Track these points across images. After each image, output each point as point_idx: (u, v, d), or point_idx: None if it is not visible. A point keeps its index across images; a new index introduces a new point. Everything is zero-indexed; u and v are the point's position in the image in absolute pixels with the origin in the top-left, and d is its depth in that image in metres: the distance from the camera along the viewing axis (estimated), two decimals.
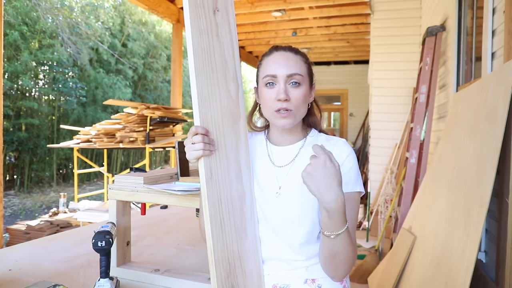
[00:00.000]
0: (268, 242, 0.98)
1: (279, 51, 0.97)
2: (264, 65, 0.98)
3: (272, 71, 0.94)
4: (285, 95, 0.92)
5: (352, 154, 0.95)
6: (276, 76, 0.93)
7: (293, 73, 0.93)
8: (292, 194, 0.96)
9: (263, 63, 0.99)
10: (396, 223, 3.37)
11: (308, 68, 0.98)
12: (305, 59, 0.98)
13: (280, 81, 0.93)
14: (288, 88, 0.93)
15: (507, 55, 1.68)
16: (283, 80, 0.93)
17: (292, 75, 0.93)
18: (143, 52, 11.32)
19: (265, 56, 0.99)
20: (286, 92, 0.92)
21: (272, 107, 0.94)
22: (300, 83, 0.94)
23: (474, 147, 1.74)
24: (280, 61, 0.94)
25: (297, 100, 0.94)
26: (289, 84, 0.94)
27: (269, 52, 0.99)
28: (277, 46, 0.99)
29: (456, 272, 1.51)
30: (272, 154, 1.03)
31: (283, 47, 0.98)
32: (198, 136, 0.86)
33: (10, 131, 8.57)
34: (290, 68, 0.93)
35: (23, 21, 8.54)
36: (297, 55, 0.97)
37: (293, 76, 0.93)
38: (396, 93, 4.81)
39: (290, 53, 0.96)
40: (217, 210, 0.88)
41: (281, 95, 0.92)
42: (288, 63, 0.94)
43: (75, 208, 5.09)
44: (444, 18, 3.33)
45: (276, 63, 0.95)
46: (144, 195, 1.33)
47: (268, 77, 0.94)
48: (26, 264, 1.52)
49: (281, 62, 0.94)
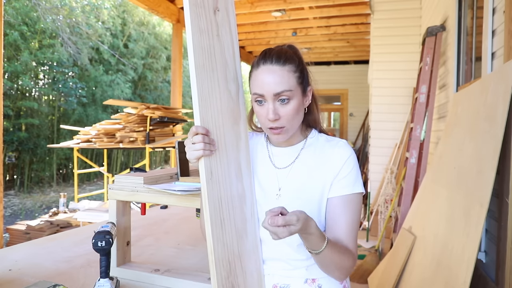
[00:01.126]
0: (269, 242, 0.98)
1: (266, 64, 0.90)
2: (252, 79, 0.93)
3: (259, 90, 0.90)
4: (273, 116, 0.89)
5: (352, 156, 0.95)
6: (263, 95, 0.90)
7: (280, 91, 0.88)
8: (292, 196, 0.96)
9: (252, 76, 0.94)
10: (396, 223, 3.37)
11: (299, 76, 0.92)
12: (294, 67, 0.91)
13: (268, 100, 0.90)
14: (277, 106, 0.90)
15: (507, 55, 1.68)
16: (271, 99, 0.89)
17: (279, 93, 0.89)
18: (143, 52, 11.32)
19: (253, 67, 0.94)
20: (275, 111, 0.89)
21: (264, 124, 0.93)
22: (290, 98, 0.90)
23: (474, 147, 1.74)
24: (267, 79, 0.89)
25: (288, 116, 0.91)
26: (278, 102, 0.90)
27: (256, 64, 0.93)
28: (265, 54, 0.92)
29: (456, 272, 1.51)
30: (272, 155, 1.03)
31: (270, 56, 0.91)
32: (198, 136, 0.85)
33: (10, 131, 8.57)
34: (277, 86, 0.88)
35: (23, 21, 8.54)
36: (285, 65, 0.90)
37: (280, 94, 0.89)
38: (396, 93, 4.81)
39: (277, 66, 0.89)
40: (217, 210, 0.88)
41: (270, 115, 0.89)
42: (274, 79, 0.88)
43: (75, 208, 5.09)
44: (444, 18, 3.33)
45: (263, 81, 0.89)
46: (144, 195, 1.33)
47: (255, 95, 0.92)
48: (26, 264, 1.52)
49: (268, 80, 0.89)
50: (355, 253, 0.92)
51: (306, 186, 0.95)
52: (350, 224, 0.92)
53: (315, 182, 0.95)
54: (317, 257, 0.86)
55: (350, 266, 0.90)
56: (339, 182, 0.93)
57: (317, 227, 0.82)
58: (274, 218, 0.74)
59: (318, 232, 0.82)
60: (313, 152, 0.99)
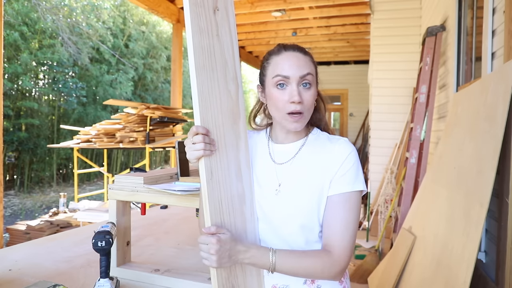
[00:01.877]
0: (268, 241, 0.97)
1: (289, 50, 0.94)
2: (273, 64, 0.94)
3: (284, 72, 0.91)
4: (299, 97, 0.90)
5: (353, 153, 0.95)
6: (289, 78, 0.91)
7: (305, 73, 0.91)
8: (291, 191, 0.95)
9: (271, 62, 0.95)
10: (396, 223, 3.37)
11: (315, 68, 0.97)
12: (312, 59, 0.97)
13: (293, 82, 0.91)
14: (301, 90, 0.92)
15: (507, 55, 1.68)
16: (295, 81, 0.91)
17: (305, 76, 0.91)
18: (143, 52, 11.32)
19: (273, 55, 0.96)
20: (300, 94, 0.91)
21: (284, 109, 0.92)
22: (311, 84, 0.93)
23: (474, 147, 1.74)
24: (292, 62, 0.92)
25: (309, 102, 0.93)
26: (300, 86, 0.92)
27: (277, 51, 0.95)
28: (285, 45, 0.96)
29: (456, 272, 1.51)
30: (273, 152, 1.02)
31: (291, 46, 0.95)
32: (198, 136, 0.85)
33: (10, 131, 8.57)
34: (302, 69, 0.91)
35: (23, 21, 8.54)
36: (306, 55, 0.95)
37: (305, 77, 0.91)
38: (396, 93, 4.81)
39: (300, 53, 0.94)
40: (217, 210, 0.88)
41: (295, 97, 0.90)
42: (299, 63, 0.92)
43: (75, 208, 5.09)
44: (444, 18, 3.33)
45: (288, 63, 0.92)
46: (144, 195, 1.33)
47: (280, 78, 0.92)
48: (26, 264, 1.52)
49: (293, 63, 0.92)
50: (341, 253, 0.88)
51: (306, 182, 0.95)
52: (344, 223, 0.90)
53: (314, 179, 0.94)
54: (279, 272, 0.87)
55: (327, 267, 0.87)
56: (339, 180, 0.92)
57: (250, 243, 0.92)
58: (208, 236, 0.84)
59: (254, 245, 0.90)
60: (314, 149, 0.98)
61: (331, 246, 0.90)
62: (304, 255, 0.89)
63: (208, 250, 0.82)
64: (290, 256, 0.88)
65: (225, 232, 0.85)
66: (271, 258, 0.86)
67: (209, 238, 0.83)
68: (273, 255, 0.86)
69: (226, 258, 0.83)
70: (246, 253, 0.86)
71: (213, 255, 0.82)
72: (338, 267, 0.88)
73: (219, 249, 0.82)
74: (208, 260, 0.83)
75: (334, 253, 0.89)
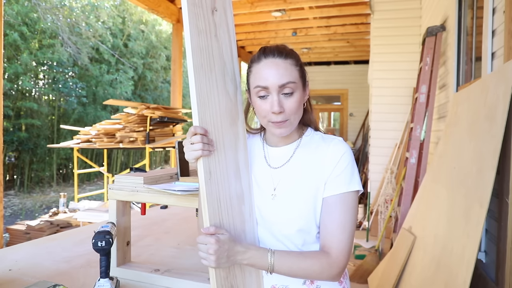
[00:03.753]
0: (267, 243, 0.98)
1: (268, 57, 0.90)
2: (254, 73, 0.92)
3: (262, 82, 0.89)
4: (278, 108, 0.88)
5: (347, 153, 0.93)
6: (268, 88, 0.89)
7: (285, 82, 0.88)
8: (287, 196, 0.95)
9: (252, 70, 0.93)
10: (396, 223, 3.36)
11: (300, 70, 0.93)
12: (295, 61, 0.92)
13: (273, 92, 0.89)
14: (282, 99, 0.89)
15: (507, 55, 1.68)
16: (275, 91, 0.89)
17: (284, 85, 0.89)
18: (143, 52, 11.32)
19: (254, 62, 0.93)
20: (279, 104, 0.89)
21: (266, 118, 0.92)
22: (294, 91, 0.90)
23: (474, 147, 1.74)
24: (271, 71, 0.89)
25: (292, 109, 0.90)
26: (282, 94, 0.90)
27: (257, 58, 0.92)
28: (265, 49, 0.92)
29: (456, 272, 1.51)
30: (268, 155, 1.02)
31: (271, 50, 0.91)
32: (197, 136, 0.85)
33: (10, 131, 8.57)
34: (282, 78, 0.88)
35: (23, 21, 8.54)
36: (287, 59, 0.90)
37: (285, 86, 0.89)
38: (396, 93, 4.81)
39: (279, 59, 0.90)
40: (216, 210, 0.88)
41: (274, 107, 0.88)
42: (278, 71, 0.88)
43: (75, 208, 5.09)
44: (444, 18, 3.33)
45: (267, 73, 0.89)
46: (144, 195, 1.33)
47: (259, 89, 0.90)
48: (26, 264, 1.52)
49: (272, 72, 0.89)
50: (339, 255, 0.88)
51: (301, 185, 0.94)
52: (341, 224, 0.89)
53: (309, 181, 0.94)
54: (277, 271, 0.87)
55: (326, 269, 0.87)
56: (334, 180, 0.92)
57: (249, 243, 0.92)
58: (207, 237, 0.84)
59: (252, 246, 0.90)
60: (308, 151, 0.98)
61: (329, 247, 0.90)
62: (303, 256, 0.89)
63: (206, 250, 0.82)
64: (288, 257, 0.88)
65: (224, 233, 0.86)
66: (270, 259, 0.86)
67: (208, 238, 0.83)
68: (271, 256, 0.86)
69: (224, 259, 0.83)
70: (244, 254, 0.86)
71: (211, 255, 0.82)
72: (336, 269, 0.88)
73: (217, 249, 0.82)
74: (207, 260, 0.83)
75: (332, 255, 0.89)
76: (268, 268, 0.87)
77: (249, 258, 0.86)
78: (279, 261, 0.86)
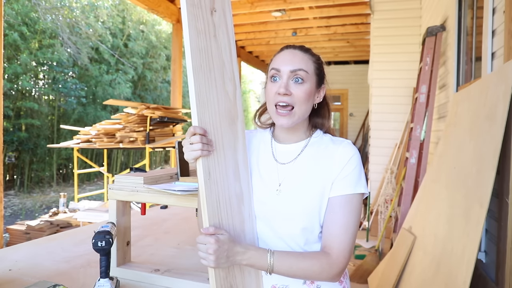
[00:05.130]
0: (267, 241, 0.97)
1: (289, 48, 0.98)
2: (272, 61, 0.99)
3: (276, 65, 0.95)
4: (284, 89, 0.92)
5: (356, 156, 0.95)
6: (280, 71, 0.94)
7: (297, 68, 0.93)
8: (292, 192, 0.95)
9: (272, 59, 1.00)
10: (396, 223, 3.36)
11: (317, 68, 0.98)
12: (315, 58, 0.98)
13: (283, 75, 0.94)
14: (291, 84, 0.94)
15: (507, 55, 1.68)
16: (286, 75, 0.94)
17: (296, 70, 0.93)
18: (142, 51, 11.31)
19: (276, 54, 1.01)
20: (286, 86, 0.93)
21: (272, 101, 0.95)
22: (304, 80, 0.94)
23: (474, 147, 1.74)
24: (286, 57, 0.96)
25: (299, 97, 0.93)
26: (292, 80, 0.94)
27: (280, 50, 1.00)
28: (289, 45, 1.00)
29: (456, 272, 1.51)
30: (275, 151, 1.03)
31: (295, 46, 0.99)
32: (196, 137, 0.86)
33: (10, 131, 8.57)
34: (294, 64, 0.94)
35: (23, 21, 8.54)
36: (306, 53, 0.97)
37: (296, 72, 0.93)
38: (396, 93, 4.81)
39: (299, 51, 0.97)
40: (215, 210, 0.89)
41: (281, 89, 0.92)
42: (293, 59, 0.95)
43: (75, 208, 5.09)
44: (444, 18, 3.33)
45: (282, 58, 0.96)
46: (144, 195, 1.33)
47: (273, 71, 0.96)
48: (26, 264, 1.52)
49: (287, 58, 0.95)
50: (340, 255, 0.89)
51: (307, 183, 0.95)
52: (344, 225, 0.90)
53: (316, 179, 0.94)
54: (277, 271, 0.87)
55: (325, 269, 0.87)
56: (341, 182, 0.92)
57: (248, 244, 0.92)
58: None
59: (252, 246, 0.90)
60: (317, 151, 0.98)
61: (330, 248, 0.90)
62: (302, 256, 0.89)
63: (206, 250, 0.83)
64: (288, 257, 0.88)
65: (224, 233, 0.86)
66: (269, 260, 0.86)
67: (208, 238, 0.83)
68: (271, 256, 0.87)
69: (224, 259, 0.84)
70: (244, 255, 0.86)
71: (211, 255, 0.82)
72: (336, 269, 0.88)
73: (217, 249, 0.82)
74: (206, 260, 0.83)
75: (333, 255, 0.89)
76: (268, 269, 0.87)
77: (248, 259, 0.86)
78: (279, 261, 0.87)
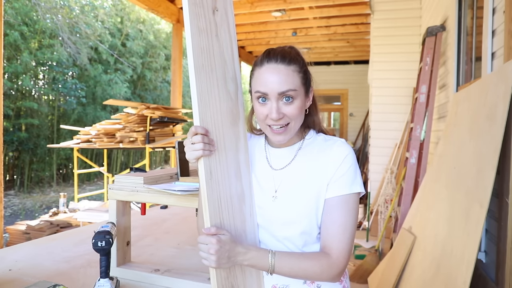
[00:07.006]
0: (268, 244, 0.98)
1: (271, 62, 0.89)
2: (255, 77, 0.92)
3: (262, 88, 0.89)
4: (277, 115, 0.88)
5: (350, 155, 0.93)
6: (267, 94, 0.88)
7: (285, 90, 0.87)
8: (288, 197, 0.95)
9: (255, 74, 0.92)
10: (396, 223, 3.36)
11: (303, 77, 0.92)
12: (299, 67, 0.91)
13: (272, 98, 0.88)
14: (281, 105, 0.89)
15: (507, 55, 1.68)
16: (274, 97, 0.88)
17: (284, 92, 0.88)
18: (141, 51, 11.30)
19: (257, 66, 0.92)
20: (278, 111, 0.88)
21: (264, 122, 0.92)
22: (294, 98, 0.89)
23: (474, 147, 1.74)
24: (270, 78, 0.88)
25: (292, 114, 0.90)
26: (281, 101, 0.89)
27: (260, 62, 0.91)
28: (269, 53, 0.91)
29: (456, 272, 1.51)
30: (270, 156, 1.02)
31: (275, 54, 0.90)
32: (198, 136, 0.85)
33: (10, 131, 8.57)
34: (281, 85, 0.87)
35: (23, 21, 8.53)
36: (290, 65, 0.89)
37: (285, 94, 0.88)
38: (396, 93, 4.81)
39: (282, 65, 0.88)
40: (217, 210, 0.88)
41: (273, 114, 0.88)
42: (279, 79, 0.87)
43: (75, 208, 5.09)
44: (444, 18, 3.33)
45: (266, 79, 0.88)
46: (144, 195, 1.33)
47: (259, 94, 0.90)
48: (26, 264, 1.52)
49: (271, 79, 0.88)
50: (339, 255, 0.89)
51: (302, 187, 0.94)
52: (342, 226, 0.90)
53: (311, 183, 0.94)
54: (278, 272, 0.87)
55: (326, 270, 0.88)
56: (336, 182, 0.92)
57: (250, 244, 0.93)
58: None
59: (253, 247, 0.90)
60: (310, 153, 0.97)
61: (329, 248, 0.90)
62: (303, 257, 0.89)
63: (207, 250, 0.83)
64: (289, 258, 0.88)
65: (225, 233, 0.86)
66: (270, 260, 0.86)
67: (209, 238, 0.83)
68: (272, 257, 0.87)
69: (225, 259, 0.84)
70: (245, 255, 0.86)
71: (212, 255, 0.82)
72: (336, 270, 0.88)
73: (218, 249, 0.82)
74: (208, 260, 0.83)
75: (333, 256, 0.89)
76: (269, 269, 0.87)
77: (249, 259, 0.86)
78: (280, 262, 0.87)
